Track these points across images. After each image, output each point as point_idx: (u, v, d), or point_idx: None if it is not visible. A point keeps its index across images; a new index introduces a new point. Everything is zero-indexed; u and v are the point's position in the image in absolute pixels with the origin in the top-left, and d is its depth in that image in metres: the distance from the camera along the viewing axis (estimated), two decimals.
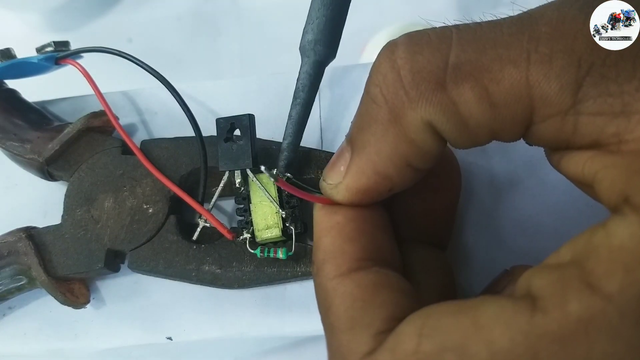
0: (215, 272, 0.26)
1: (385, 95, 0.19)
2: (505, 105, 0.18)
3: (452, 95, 0.18)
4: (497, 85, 0.18)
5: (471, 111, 0.18)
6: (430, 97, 0.18)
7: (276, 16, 0.62)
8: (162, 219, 0.27)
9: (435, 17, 0.22)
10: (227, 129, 0.26)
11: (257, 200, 0.26)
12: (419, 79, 0.18)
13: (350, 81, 0.30)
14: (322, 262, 0.20)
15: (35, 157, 0.28)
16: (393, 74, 0.19)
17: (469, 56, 0.18)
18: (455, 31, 0.19)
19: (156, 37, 0.64)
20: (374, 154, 0.20)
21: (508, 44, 0.18)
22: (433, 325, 0.17)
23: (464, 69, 0.18)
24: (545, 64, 0.17)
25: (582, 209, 0.27)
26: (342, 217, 0.21)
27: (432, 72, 0.18)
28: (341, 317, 0.18)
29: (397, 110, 0.19)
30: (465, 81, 0.18)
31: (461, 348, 0.16)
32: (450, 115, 0.18)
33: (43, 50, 0.30)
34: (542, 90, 0.17)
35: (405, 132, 0.19)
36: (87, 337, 0.28)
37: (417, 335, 0.17)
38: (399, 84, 0.19)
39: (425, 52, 0.18)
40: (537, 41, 0.17)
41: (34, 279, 0.27)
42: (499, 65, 0.17)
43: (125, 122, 0.31)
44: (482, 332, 0.16)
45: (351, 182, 0.20)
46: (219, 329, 0.27)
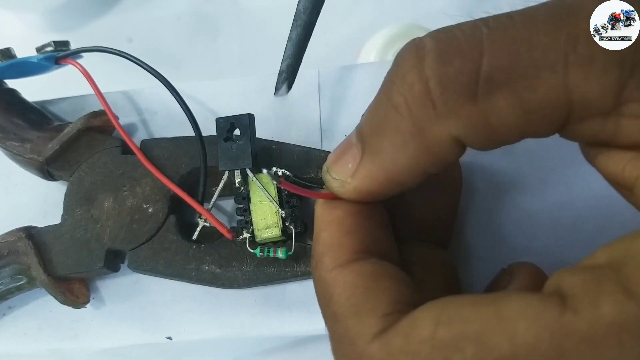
0: (215, 271, 0.26)
1: (411, 106, 0.18)
2: (541, 110, 0.17)
3: (484, 107, 0.17)
4: (532, 92, 0.17)
5: (503, 120, 0.17)
6: (460, 111, 0.17)
7: (276, 16, 0.62)
8: (161, 218, 0.27)
9: (434, 19, 0.21)
10: (227, 129, 0.26)
11: (257, 199, 0.26)
12: (449, 92, 0.17)
13: (350, 81, 0.30)
14: (320, 255, 0.20)
15: (35, 156, 0.28)
16: (421, 85, 0.18)
17: (502, 63, 0.17)
18: (486, 32, 0.17)
19: (156, 37, 0.64)
20: (390, 163, 0.19)
21: (545, 46, 0.17)
22: (451, 314, 0.16)
23: (497, 77, 0.17)
24: (585, 66, 0.16)
25: (581, 208, 0.27)
26: (342, 211, 0.20)
27: (462, 83, 0.17)
28: (343, 304, 0.18)
29: (422, 124, 0.18)
30: (498, 91, 0.17)
31: (480, 338, 0.15)
32: (479, 127, 0.18)
33: (43, 50, 0.30)
34: (582, 93, 0.16)
35: (428, 145, 0.18)
36: (87, 337, 0.28)
37: (434, 322, 0.16)
38: (427, 97, 0.18)
39: (455, 62, 0.17)
40: (575, 40, 0.16)
41: (34, 279, 0.27)
42: (535, 71, 0.17)
43: (125, 122, 0.31)
44: (505, 325, 0.15)
45: (361, 185, 0.20)
46: (219, 328, 0.27)
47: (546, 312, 0.15)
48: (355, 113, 0.30)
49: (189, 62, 0.63)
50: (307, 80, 0.30)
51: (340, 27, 0.58)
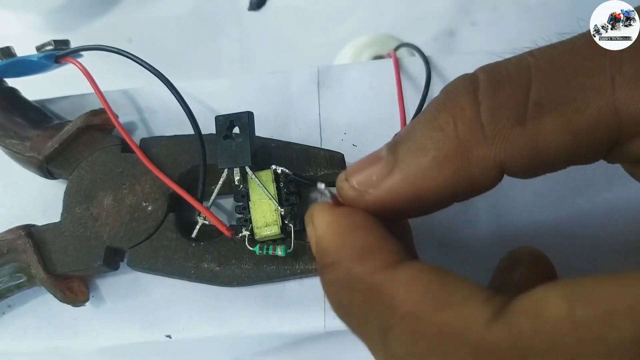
0: (215, 269, 0.26)
1: (459, 127, 0.18)
2: (590, 133, 0.17)
3: (532, 131, 0.17)
4: (581, 115, 0.17)
5: (550, 144, 0.17)
6: (508, 135, 0.18)
7: (276, 16, 0.63)
8: (161, 216, 0.27)
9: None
10: (226, 127, 0.26)
11: (256, 197, 0.26)
12: (498, 116, 0.18)
13: (349, 80, 0.30)
14: (357, 259, 0.18)
15: (35, 155, 0.28)
16: (472, 109, 0.18)
17: (550, 88, 0.17)
18: (532, 61, 0.18)
19: (156, 37, 0.64)
20: (422, 179, 0.19)
21: (590, 71, 0.17)
22: (587, 291, 0.15)
23: (546, 103, 0.17)
24: (631, 84, 0.17)
25: (582, 205, 0.27)
26: (361, 218, 0.19)
27: (512, 108, 0.18)
28: (420, 300, 0.16)
29: (469, 145, 0.18)
30: (546, 115, 0.17)
31: (636, 311, 0.14)
32: (526, 152, 0.18)
33: (43, 48, 0.30)
34: (630, 110, 0.17)
35: (469, 168, 0.18)
36: (86, 335, 0.28)
37: (567, 300, 0.15)
38: (476, 120, 0.18)
39: (506, 89, 0.18)
40: (620, 62, 0.17)
41: (34, 277, 0.27)
42: (583, 95, 0.17)
43: (125, 120, 0.31)
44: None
45: (384, 197, 0.19)
46: (218, 326, 0.27)
47: None
48: (354, 111, 0.30)
49: (189, 62, 0.63)
50: (306, 79, 0.31)
51: (322, 34, 0.61)
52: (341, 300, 0.18)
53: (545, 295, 0.15)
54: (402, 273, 0.17)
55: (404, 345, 0.16)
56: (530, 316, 0.15)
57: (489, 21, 0.61)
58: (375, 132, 0.29)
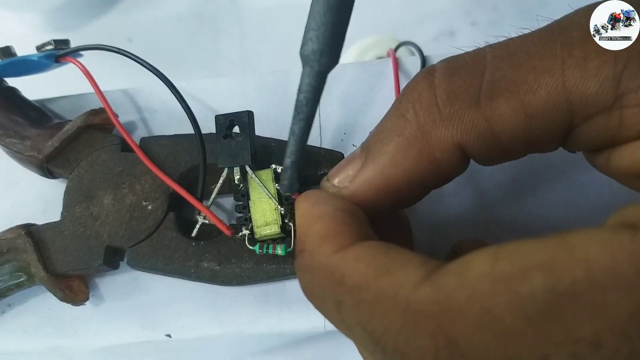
0: (214, 268, 0.26)
1: (417, 111, 0.19)
2: (543, 114, 0.18)
3: (486, 111, 0.18)
4: (533, 95, 0.18)
5: (505, 125, 0.18)
6: (463, 116, 0.18)
7: (276, 16, 0.63)
8: (161, 215, 0.27)
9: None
10: (226, 126, 0.26)
11: (256, 197, 0.26)
12: (453, 98, 0.19)
13: (349, 79, 0.30)
14: (316, 244, 0.19)
15: (34, 154, 0.28)
16: (429, 93, 0.19)
17: (504, 72, 0.18)
18: (488, 50, 0.19)
19: (156, 37, 0.64)
20: (390, 167, 0.19)
21: (541, 54, 0.18)
22: (509, 251, 0.15)
23: (499, 85, 0.18)
24: (580, 66, 0.17)
25: (582, 205, 0.27)
26: (330, 207, 0.20)
27: (466, 91, 0.18)
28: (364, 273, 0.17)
29: (427, 127, 0.19)
30: (499, 96, 0.18)
31: (549, 266, 0.14)
32: (482, 132, 0.18)
33: (43, 48, 0.30)
34: (581, 92, 0.17)
35: (430, 150, 0.19)
36: (86, 334, 0.28)
37: (491, 258, 0.15)
38: (433, 102, 0.19)
39: (461, 73, 0.19)
40: (569, 46, 0.18)
41: (33, 276, 0.27)
42: (534, 76, 0.18)
43: (125, 120, 0.31)
44: (575, 252, 0.14)
45: (358, 190, 0.20)
46: (218, 326, 0.27)
47: (617, 237, 0.15)
48: (354, 110, 0.30)
49: (189, 62, 0.63)
50: None
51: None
52: (306, 283, 0.20)
53: (472, 256, 0.16)
54: (352, 251, 0.18)
55: (353, 315, 0.17)
56: (455, 274, 0.16)
57: (489, 21, 0.61)
58: None
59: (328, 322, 0.26)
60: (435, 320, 0.15)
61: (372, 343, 0.17)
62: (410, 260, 0.17)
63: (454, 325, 0.15)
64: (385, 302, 0.16)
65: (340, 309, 0.18)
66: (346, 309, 0.18)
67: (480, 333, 0.15)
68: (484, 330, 0.15)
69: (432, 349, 0.15)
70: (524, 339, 0.14)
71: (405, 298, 0.16)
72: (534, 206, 0.27)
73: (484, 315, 0.15)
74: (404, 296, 0.16)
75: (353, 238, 0.19)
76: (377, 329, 0.17)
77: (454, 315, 0.15)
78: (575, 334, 0.14)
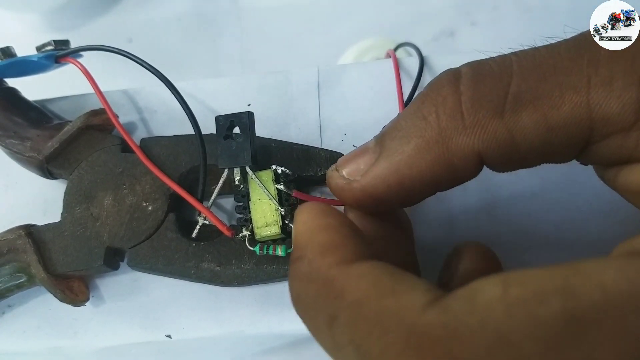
0: (215, 269, 0.26)
1: (441, 115, 0.19)
2: (564, 129, 0.18)
3: (509, 122, 0.18)
4: (556, 110, 0.18)
5: (526, 137, 0.18)
6: (486, 125, 0.18)
7: (276, 16, 0.63)
8: (161, 216, 0.27)
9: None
10: (227, 127, 0.26)
11: (257, 197, 0.26)
12: (478, 106, 0.19)
13: (349, 80, 0.30)
14: (318, 254, 0.19)
15: (35, 155, 0.28)
16: (454, 99, 0.19)
17: (530, 84, 0.18)
18: (515, 59, 0.19)
19: (156, 37, 0.64)
20: (405, 166, 0.19)
21: (568, 70, 0.18)
22: (520, 277, 0.15)
23: (524, 97, 0.18)
24: (605, 85, 0.17)
25: (580, 205, 0.27)
26: (334, 219, 0.20)
27: (492, 100, 0.18)
28: (366, 290, 0.17)
29: (449, 133, 0.19)
30: (524, 109, 0.18)
31: (566, 290, 0.14)
32: (502, 142, 0.18)
33: (43, 48, 0.30)
34: (603, 111, 0.17)
35: (449, 155, 0.19)
36: (86, 335, 0.28)
37: (502, 284, 0.15)
38: (458, 109, 0.19)
39: (487, 81, 0.19)
40: (596, 64, 0.18)
41: (34, 277, 0.27)
42: (559, 92, 0.18)
43: (125, 120, 0.31)
44: (591, 277, 0.14)
45: (369, 185, 0.20)
46: (218, 326, 0.27)
47: (633, 262, 0.14)
48: (354, 111, 0.30)
49: (189, 62, 0.63)
50: (306, 79, 0.31)
51: (322, 33, 0.62)
52: (299, 292, 0.19)
53: (481, 284, 0.16)
54: (356, 268, 0.18)
55: (346, 332, 0.17)
56: (465, 299, 0.15)
57: (489, 21, 0.61)
58: (375, 132, 0.29)
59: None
60: (443, 344, 0.15)
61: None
62: (417, 285, 0.17)
63: (464, 350, 0.14)
64: (387, 321, 0.16)
65: (334, 325, 0.17)
66: (340, 326, 0.17)
67: (495, 359, 0.14)
68: (500, 355, 0.14)
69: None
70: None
71: (410, 320, 0.15)
72: (533, 207, 0.27)
73: (499, 340, 0.14)
74: (409, 317, 0.16)
75: (357, 255, 0.18)
76: (372, 350, 0.16)
77: (465, 340, 0.14)
78: (596, 357, 0.14)
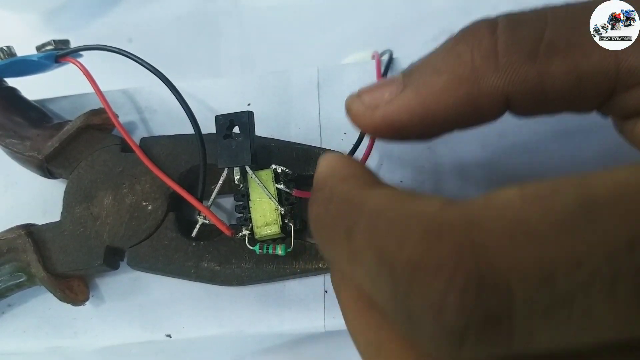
0: (215, 269, 0.26)
1: (475, 55, 0.19)
2: (592, 78, 0.19)
3: (541, 67, 0.19)
4: (587, 59, 0.19)
5: (555, 83, 0.19)
6: (519, 68, 0.19)
7: (276, 16, 0.63)
8: (161, 216, 0.27)
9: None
10: (227, 126, 0.26)
11: (256, 197, 0.26)
12: (513, 50, 0.19)
13: (350, 79, 0.30)
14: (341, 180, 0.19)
15: (34, 154, 0.28)
16: (490, 41, 0.19)
17: (563, 33, 0.19)
18: (549, 11, 0.20)
19: (156, 37, 0.64)
20: (432, 100, 0.20)
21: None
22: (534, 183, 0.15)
23: (557, 44, 0.19)
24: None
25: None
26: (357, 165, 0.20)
27: (526, 45, 0.19)
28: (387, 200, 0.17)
29: (481, 73, 0.19)
30: (556, 55, 0.19)
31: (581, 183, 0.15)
32: (532, 87, 0.19)
33: (43, 48, 0.30)
34: (630, 62, 0.18)
35: (477, 94, 0.19)
36: (86, 335, 0.28)
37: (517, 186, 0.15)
38: (493, 50, 0.19)
39: (523, 28, 0.19)
40: None
41: (33, 276, 0.27)
42: (590, 42, 0.19)
43: (125, 120, 0.31)
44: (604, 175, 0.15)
45: (393, 113, 0.20)
46: (218, 326, 0.27)
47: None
48: None
49: (189, 62, 0.63)
50: (306, 78, 0.31)
51: (322, 33, 0.62)
52: (318, 212, 0.19)
53: (496, 189, 0.16)
54: (377, 188, 0.18)
55: (365, 237, 0.16)
56: (483, 198, 0.16)
57: None
58: None
59: (328, 322, 0.26)
60: (462, 230, 0.15)
61: (380, 265, 0.16)
62: (435, 196, 0.17)
63: (483, 233, 0.15)
64: (406, 220, 0.16)
65: (352, 232, 0.17)
66: (359, 232, 0.17)
67: (513, 239, 0.14)
68: (517, 236, 0.14)
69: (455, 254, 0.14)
70: (559, 244, 0.14)
71: (430, 215, 0.16)
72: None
73: (516, 225, 0.15)
74: (428, 213, 0.16)
75: (377, 183, 0.19)
76: (390, 246, 0.16)
77: (484, 226, 0.15)
78: (609, 237, 0.14)
